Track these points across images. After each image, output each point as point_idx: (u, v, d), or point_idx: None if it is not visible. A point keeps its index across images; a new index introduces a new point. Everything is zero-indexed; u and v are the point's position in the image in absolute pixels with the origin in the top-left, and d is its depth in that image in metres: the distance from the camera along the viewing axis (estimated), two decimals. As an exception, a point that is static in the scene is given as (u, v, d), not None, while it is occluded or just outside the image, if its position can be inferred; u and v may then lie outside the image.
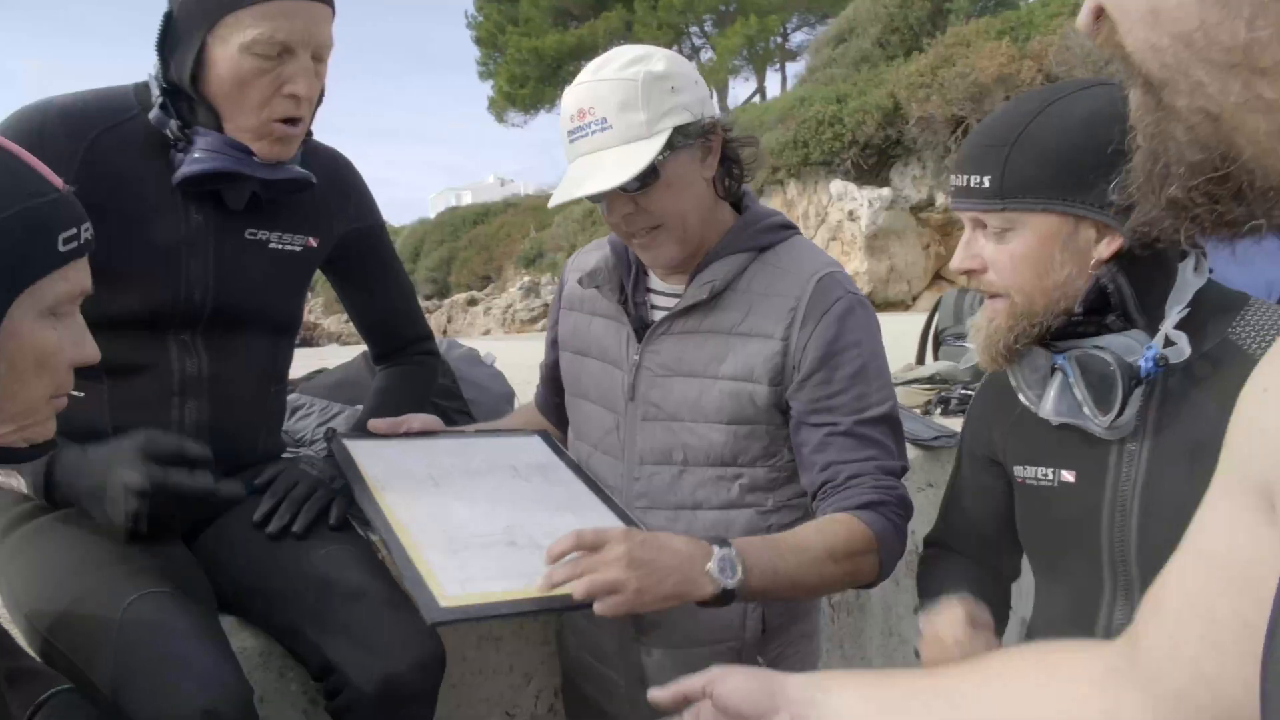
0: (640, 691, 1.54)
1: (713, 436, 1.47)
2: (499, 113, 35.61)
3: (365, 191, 1.71)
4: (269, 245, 1.55)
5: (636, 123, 1.37)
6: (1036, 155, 1.13)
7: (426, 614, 1.15)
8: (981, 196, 1.17)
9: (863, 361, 1.43)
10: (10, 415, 0.93)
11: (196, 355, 1.49)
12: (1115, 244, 1.12)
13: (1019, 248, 1.16)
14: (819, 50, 23.63)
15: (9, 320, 0.89)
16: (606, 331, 1.58)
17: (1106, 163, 1.08)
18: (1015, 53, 15.39)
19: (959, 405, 3.27)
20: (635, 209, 1.42)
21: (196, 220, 1.47)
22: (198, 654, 1.20)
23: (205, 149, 1.42)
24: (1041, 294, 1.16)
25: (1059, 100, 1.15)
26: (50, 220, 0.92)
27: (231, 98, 1.41)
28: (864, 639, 2.60)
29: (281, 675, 1.45)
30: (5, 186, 0.90)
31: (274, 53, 1.38)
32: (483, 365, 2.38)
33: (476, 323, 27.22)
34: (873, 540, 1.36)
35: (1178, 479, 1.12)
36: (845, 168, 18.31)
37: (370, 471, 1.47)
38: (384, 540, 1.32)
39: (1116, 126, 1.07)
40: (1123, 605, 1.22)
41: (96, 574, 1.29)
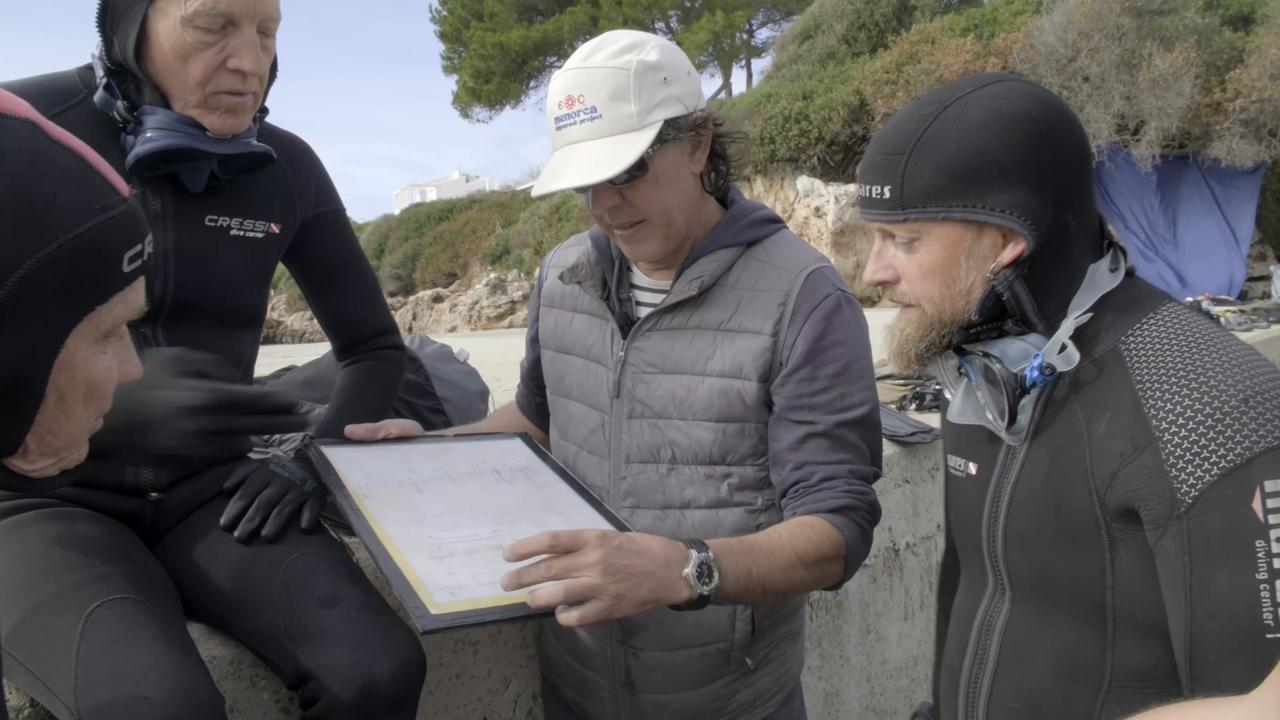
0: (626, 695, 1.52)
1: (701, 434, 1.43)
2: (463, 108, 35.32)
3: (326, 176, 1.66)
4: (230, 232, 1.49)
5: (627, 114, 1.33)
6: (933, 162, 1.10)
7: (419, 622, 1.11)
8: (884, 207, 1.14)
9: (847, 361, 1.41)
10: (53, 450, 0.84)
11: (159, 348, 1.43)
12: (1017, 249, 1.10)
13: (926, 258, 1.14)
14: (785, 47, 23.65)
15: (64, 351, 0.79)
16: (589, 328, 1.54)
17: (1005, 165, 1.07)
18: (980, 49, 15.50)
19: (934, 400, 3.27)
20: (621, 202, 1.39)
21: (153, 206, 1.41)
22: (165, 664, 1.14)
23: (157, 127, 1.36)
24: (950, 303, 1.15)
25: (955, 102, 1.11)
26: (117, 238, 0.80)
27: (175, 73, 1.35)
28: (842, 636, 2.59)
29: (253, 683, 1.40)
30: (74, 200, 0.77)
31: (217, 25, 1.33)
32: (455, 362, 2.33)
33: (442, 319, 27.00)
34: (842, 546, 1.35)
35: (1038, 480, 1.14)
36: (812, 164, 18.36)
37: (351, 479, 1.42)
38: (369, 548, 1.27)
39: (1014, 126, 1.08)
40: (998, 600, 1.22)
41: (57, 580, 1.23)
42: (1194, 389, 0.99)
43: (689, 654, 1.48)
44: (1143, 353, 1.07)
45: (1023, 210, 1.08)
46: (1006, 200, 1.08)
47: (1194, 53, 12.16)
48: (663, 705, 1.51)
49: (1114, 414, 1.05)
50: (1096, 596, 1.09)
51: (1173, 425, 0.99)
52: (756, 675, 1.52)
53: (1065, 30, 12.98)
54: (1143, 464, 1.00)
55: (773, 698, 1.55)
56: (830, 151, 18.21)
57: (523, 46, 30.91)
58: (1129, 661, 1.08)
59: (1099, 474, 1.05)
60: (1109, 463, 1.04)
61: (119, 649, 1.14)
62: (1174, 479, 0.98)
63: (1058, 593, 1.13)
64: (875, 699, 2.74)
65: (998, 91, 1.11)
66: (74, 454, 0.87)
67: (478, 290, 26.47)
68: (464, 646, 1.70)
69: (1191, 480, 0.97)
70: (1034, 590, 1.16)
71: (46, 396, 0.80)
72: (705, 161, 1.45)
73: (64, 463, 0.87)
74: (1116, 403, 1.05)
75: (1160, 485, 0.99)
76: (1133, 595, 1.06)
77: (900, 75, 16.67)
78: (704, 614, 1.45)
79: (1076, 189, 1.11)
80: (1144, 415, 1.01)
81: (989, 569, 1.22)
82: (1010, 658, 1.19)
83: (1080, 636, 1.12)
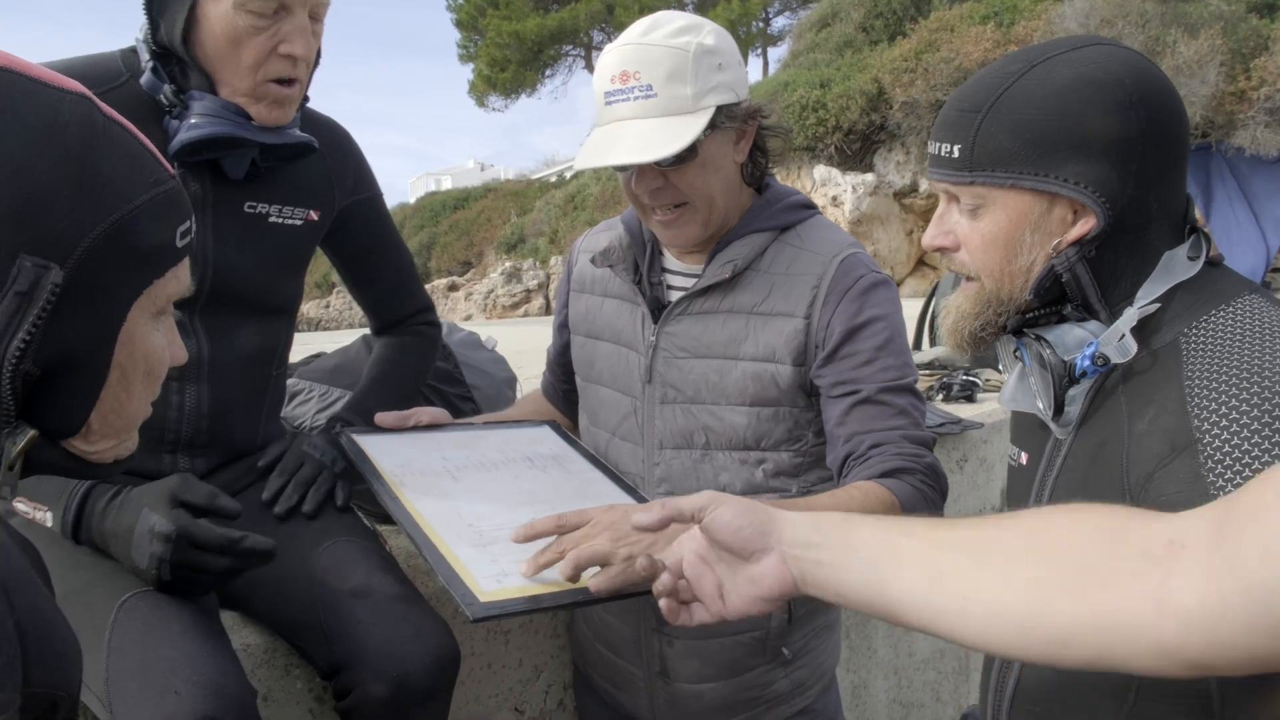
0: (661, 684, 1.50)
1: (734, 419, 1.41)
2: (479, 97, 35.31)
3: (364, 162, 1.64)
4: (269, 219, 1.47)
5: (682, 96, 1.31)
6: (1010, 124, 1.02)
7: (468, 610, 1.10)
8: (950, 167, 1.07)
9: (888, 335, 1.39)
10: (114, 430, 0.83)
11: (195, 337, 1.42)
12: (1087, 225, 1.02)
13: (990, 227, 1.06)
14: (802, 35, 23.54)
15: (125, 325, 0.79)
16: (620, 313, 1.53)
17: (1086, 134, 0.99)
18: (1000, 37, 15.36)
19: (961, 392, 3.23)
20: (665, 184, 1.37)
21: (194, 191, 1.40)
22: (196, 657, 1.12)
23: (202, 113, 1.34)
24: (1009, 279, 1.07)
25: (1044, 62, 1.03)
26: (170, 212, 0.81)
27: (225, 58, 1.33)
28: (869, 629, 2.57)
29: (287, 673, 1.39)
30: (130, 173, 0.78)
31: (270, 10, 1.31)
32: (483, 349, 2.31)
33: (458, 308, 27.04)
34: (896, 507, 1.29)
35: (1077, 475, 1.07)
36: (829, 153, 18.27)
37: (386, 466, 1.41)
38: (411, 537, 1.26)
39: (1104, 94, 0.99)
40: None
41: (91, 569, 1.22)
42: (1245, 387, 0.90)
43: (724, 642, 1.46)
44: (1202, 346, 0.98)
45: (1098, 185, 1.00)
46: (1082, 172, 1.00)
47: (1219, 40, 12.02)
48: (698, 694, 1.49)
49: (1158, 411, 0.97)
50: None
51: (1215, 426, 0.90)
52: (794, 665, 1.50)
53: (1087, 17, 12.86)
54: (1179, 467, 0.92)
55: (811, 688, 1.53)
56: (847, 140, 18.11)
57: (539, 35, 30.87)
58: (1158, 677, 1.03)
59: (1134, 475, 0.97)
60: (1145, 464, 0.96)
61: (150, 641, 1.13)
62: (1210, 484, 0.89)
63: None
64: (902, 692, 2.72)
65: (1092, 55, 1.02)
66: (129, 441, 0.87)
67: (493, 279, 26.48)
68: (495, 636, 1.69)
69: (1229, 488, 0.88)
70: None
71: (111, 372, 0.80)
72: (748, 152, 1.44)
73: (119, 449, 0.86)
74: (1163, 399, 0.97)
75: (1195, 491, 0.90)
76: None
77: (919, 63, 16.55)
78: None
79: (1165, 169, 1.02)
80: (1187, 414, 0.93)
81: None
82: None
83: None
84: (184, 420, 1.42)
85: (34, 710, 0.67)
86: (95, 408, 0.80)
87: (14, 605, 0.63)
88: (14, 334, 0.71)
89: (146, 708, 1.07)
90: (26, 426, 0.78)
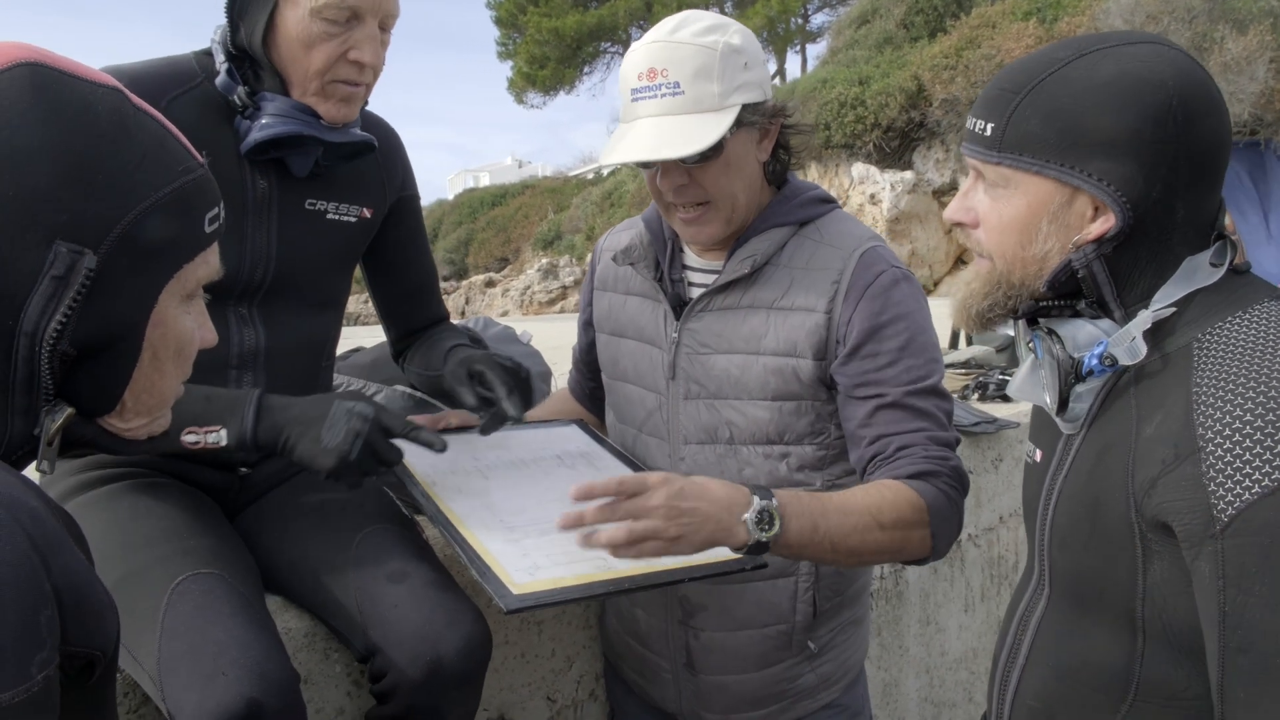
0: (687, 676, 1.52)
1: (758, 413, 1.43)
2: (518, 94, 35.43)
3: (409, 161, 1.69)
4: (327, 216, 1.53)
5: (709, 94, 1.33)
6: (1045, 110, 1.01)
7: (502, 602, 1.13)
8: (982, 144, 1.06)
9: (910, 335, 1.38)
10: (147, 408, 0.88)
11: (253, 328, 1.47)
12: (1106, 224, 1.00)
13: (1008, 209, 1.05)
14: (841, 31, 23.38)
15: (156, 307, 0.84)
16: (642, 310, 1.55)
17: (1118, 132, 0.98)
18: (1043, 34, 15.16)
19: (997, 390, 3.22)
20: (689, 182, 1.39)
21: (261, 188, 1.45)
22: (244, 641, 1.17)
23: (274, 114, 1.40)
24: (1021, 264, 1.06)
25: (1092, 53, 1.01)
26: (198, 199, 0.85)
27: (297, 61, 1.39)
28: (901, 627, 2.56)
29: (326, 656, 1.43)
30: (160, 161, 0.82)
31: (343, 18, 1.37)
32: (518, 344, 2.34)
33: (494, 304, 27.21)
34: (923, 510, 1.29)
35: (1083, 476, 1.07)
36: (867, 150, 18.14)
37: (419, 468, 1.45)
38: (445, 534, 1.29)
39: (1143, 94, 0.98)
40: (1037, 594, 1.16)
41: (145, 552, 1.26)
42: (1250, 397, 0.90)
43: (750, 635, 1.48)
44: (1212, 353, 0.96)
45: (1122, 185, 0.99)
46: (1108, 170, 0.99)
47: (1268, 35, 11.78)
48: (724, 686, 1.51)
49: (1165, 416, 0.97)
50: (1127, 606, 1.02)
51: (1219, 435, 0.90)
52: (820, 660, 1.52)
53: (1133, 13, 12.66)
54: (1182, 474, 0.92)
55: (837, 683, 1.54)
56: (886, 138, 17.97)
57: (578, 32, 30.92)
58: (1158, 677, 1.01)
59: (1139, 479, 0.97)
60: (1149, 469, 0.96)
61: (200, 624, 1.17)
62: (1212, 494, 0.89)
63: (1089, 596, 1.07)
64: (934, 691, 2.71)
65: (1141, 53, 1.00)
66: (162, 418, 0.91)
67: (530, 275, 26.60)
68: (529, 626, 1.71)
69: (1230, 497, 0.88)
70: (1068, 590, 1.11)
71: (143, 353, 0.84)
72: (770, 151, 1.45)
73: (153, 426, 0.90)
74: (1171, 404, 0.97)
75: (1197, 500, 0.90)
76: (1165, 610, 0.98)
77: (960, 60, 16.39)
78: (764, 595, 1.45)
79: (1198, 177, 1.00)
80: (1192, 421, 0.93)
81: (1037, 562, 1.17)
82: (1039, 656, 1.14)
83: (1108, 644, 1.05)
84: None
85: (71, 668, 0.71)
86: (129, 387, 0.84)
87: (50, 568, 0.66)
88: (51, 316, 0.76)
89: (195, 689, 1.12)
90: (64, 404, 0.82)
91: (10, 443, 0.79)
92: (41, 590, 0.65)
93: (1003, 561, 2.93)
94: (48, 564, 0.66)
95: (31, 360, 0.77)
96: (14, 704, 0.61)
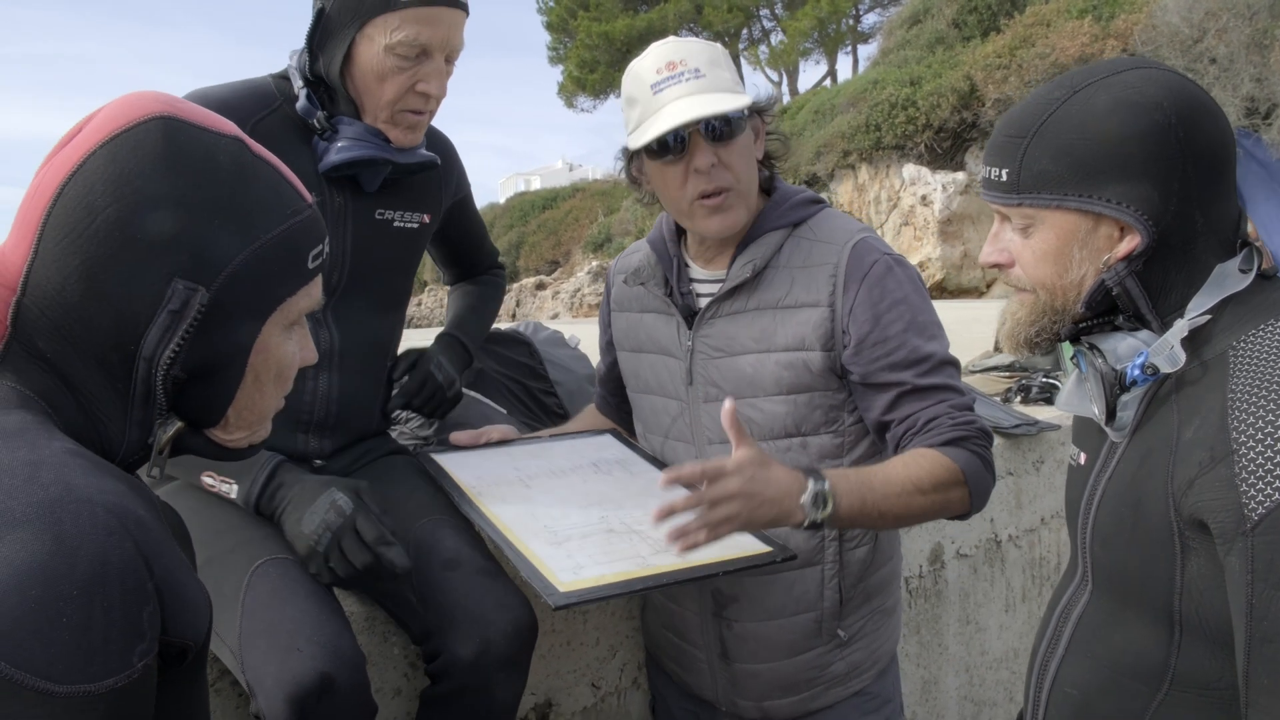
0: (722, 665, 1.59)
1: (774, 409, 1.51)
2: (569, 97, 35.72)
3: (462, 165, 1.82)
4: (394, 224, 1.65)
5: (726, 79, 1.47)
6: (1054, 149, 1.08)
7: (549, 599, 1.23)
8: (1000, 190, 1.14)
9: (910, 316, 1.47)
10: (248, 423, 0.96)
11: (328, 329, 1.58)
12: (1133, 242, 1.07)
13: (1040, 244, 1.12)
14: (892, 32, 23.23)
15: (260, 336, 0.91)
16: (657, 324, 1.64)
17: (1126, 156, 1.04)
18: (1098, 32, 14.95)
19: (1040, 394, 3.24)
20: (717, 162, 1.47)
21: (337, 203, 1.57)
22: (317, 620, 1.27)
23: (350, 137, 1.52)
24: (1061, 292, 1.13)
25: (1085, 88, 1.09)
26: (304, 238, 0.92)
27: (370, 91, 1.51)
28: (941, 625, 2.60)
29: (385, 639, 1.52)
30: (271, 205, 0.90)
31: (413, 54, 1.48)
32: (566, 347, 2.43)
33: (545, 306, 27.43)
34: (959, 473, 1.39)
35: (1126, 478, 1.12)
36: (918, 151, 18.01)
37: (464, 479, 1.57)
38: (492, 540, 1.40)
39: (1141, 116, 1.05)
40: (1080, 588, 1.22)
41: (228, 537, 1.38)
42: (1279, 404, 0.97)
43: (780, 624, 1.55)
44: (1247, 360, 1.02)
45: (1141, 204, 1.05)
46: (1124, 193, 1.06)
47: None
48: (757, 674, 1.59)
49: (1203, 421, 1.03)
50: (1165, 600, 1.08)
51: (1251, 439, 0.96)
52: (850, 648, 1.58)
53: (1191, 9, 12.42)
54: (1217, 476, 0.98)
55: (867, 671, 1.61)
56: (938, 139, 17.83)
57: (627, 36, 31.05)
58: (1193, 668, 1.07)
59: (1178, 480, 1.03)
60: (1188, 470, 1.02)
61: (277, 604, 1.28)
62: (1244, 494, 0.95)
63: (1130, 591, 1.13)
64: (974, 690, 2.75)
65: (1130, 79, 1.07)
66: (262, 430, 1.00)
67: (580, 278, 26.78)
68: (575, 616, 1.80)
69: (1260, 498, 0.94)
70: (1110, 585, 1.17)
71: (245, 376, 0.93)
72: (762, 151, 1.57)
73: (254, 437, 1.00)
74: (1207, 409, 1.03)
75: (1230, 500, 0.97)
76: (1201, 604, 1.04)
77: (1013, 60, 16.21)
78: (792, 584, 1.53)
79: (1208, 185, 1.07)
80: (1227, 426, 0.99)
81: (1080, 558, 1.23)
82: (1079, 646, 1.20)
83: (1146, 636, 1.11)
84: (316, 404, 1.58)
85: (168, 655, 0.81)
86: (232, 404, 0.94)
87: (153, 570, 0.76)
88: (166, 345, 0.85)
89: (273, 663, 1.22)
90: (175, 418, 0.93)
91: (127, 449, 0.89)
92: (145, 590, 0.74)
93: (1044, 562, 2.95)
94: (151, 566, 0.76)
95: (149, 380, 0.87)
96: (117, 688, 0.71)
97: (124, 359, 0.85)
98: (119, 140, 0.84)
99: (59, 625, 0.69)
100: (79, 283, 0.83)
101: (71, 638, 0.69)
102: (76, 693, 0.69)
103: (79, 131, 0.86)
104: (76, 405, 0.85)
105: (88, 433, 0.86)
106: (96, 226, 0.82)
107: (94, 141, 0.84)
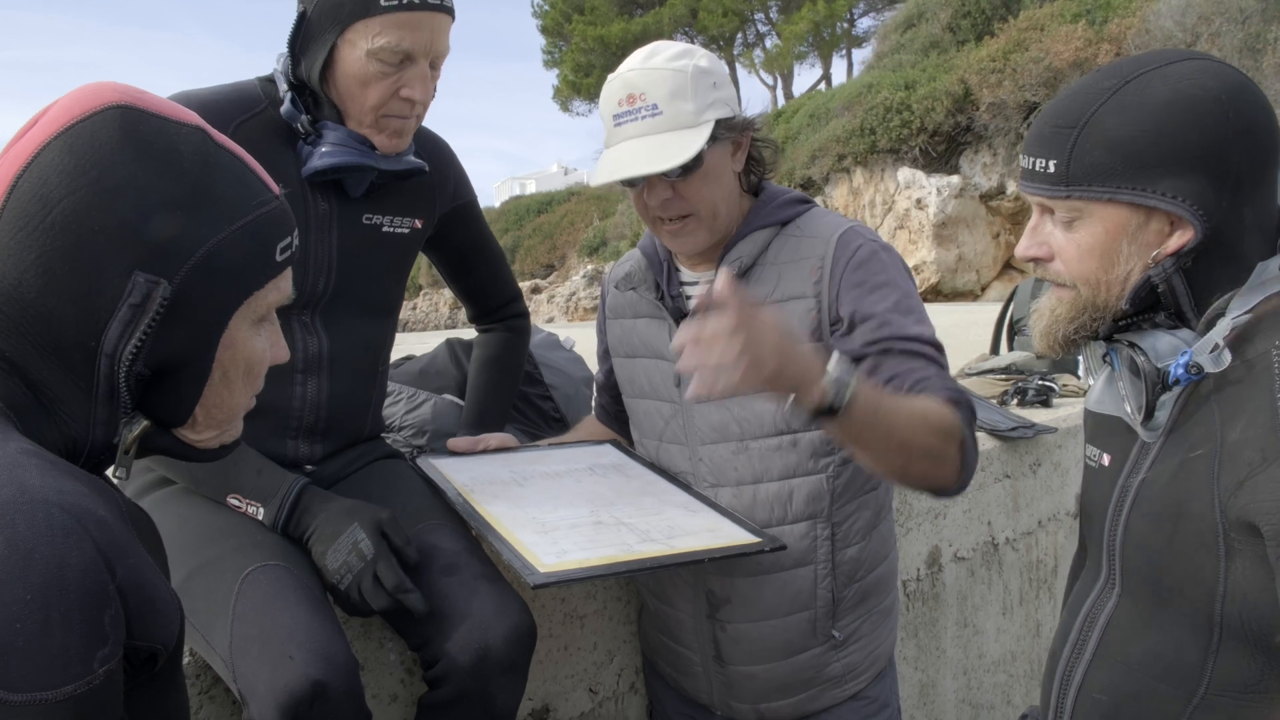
0: (716, 668, 1.59)
1: (764, 406, 1.51)
2: (564, 101, 35.76)
3: (462, 171, 1.79)
4: (382, 229, 1.63)
5: (685, 111, 1.44)
6: (1106, 140, 1.04)
7: (528, 578, 1.23)
8: (1046, 182, 1.10)
9: (896, 297, 1.45)
10: (216, 422, 0.94)
11: (316, 335, 1.57)
12: (1184, 237, 1.04)
13: (1086, 238, 1.09)
14: (887, 36, 23.29)
15: (227, 330, 0.89)
16: (650, 329, 1.65)
17: (1184, 149, 1.02)
18: (1092, 36, 15.00)
19: (1036, 396, 3.23)
20: (673, 195, 1.48)
21: (322, 208, 1.55)
22: (309, 627, 1.26)
23: (334, 143, 1.50)
24: (1105, 287, 1.10)
25: (1137, 78, 1.05)
26: (271, 230, 0.90)
27: (353, 96, 1.49)
28: (938, 628, 2.60)
29: (381, 645, 1.51)
30: (237, 196, 0.87)
31: (396, 60, 1.46)
32: (561, 349, 2.42)
33: (540, 310, 27.44)
34: (958, 430, 1.32)
35: (1165, 479, 1.10)
36: (913, 155, 18.05)
37: (458, 479, 1.56)
38: (476, 528, 1.40)
39: (1201, 110, 1.02)
40: (1106, 592, 1.20)
41: (219, 544, 1.36)
42: None
43: (774, 625, 1.55)
44: None
45: (1196, 198, 1.03)
46: (1180, 186, 1.03)
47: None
48: (752, 676, 1.58)
49: (1249, 421, 1.00)
50: (1206, 604, 1.05)
51: None
52: (846, 649, 1.58)
53: (1184, 14, 12.47)
54: (1269, 477, 0.96)
55: (863, 673, 1.60)
56: (933, 142, 17.87)
57: (623, 40, 31.09)
58: (1231, 672, 1.05)
59: (1225, 481, 1.01)
60: (1236, 471, 1.00)
61: (269, 610, 1.27)
62: None
63: (1167, 594, 1.10)
64: (971, 693, 2.74)
65: (1186, 70, 1.04)
66: (232, 430, 0.97)
67: (575, 282, 26.80)
68: (572, 620, 1.79)
69: None
70: (1144, 588, 1.14)
71: (213, 372, 0.90)
72: (744, 162, 1.55)
73: (224, 437, 0.97)
74: (1254, 410, 1.00)
75: None
76: (1245, 607, 1.02)
77: (1007, 64, 16.26)
78: (785, 584, 1.53)
79: (1259, 182, 1.05)
80: (1277, 426, 0.97)
81: (1104, 561, 1.20)
82: (1108, 651, 1.18)
83: (1182, 640, 1.09)
84: (306, 409, 1.57)
85: (136, 659, 0.78)
86: (199, 402, 0.91)
87: (115, 573, 0.73)
88: (128, 340, 0.83)
89: (265, 670, 1.21)
90: (141, 417, 0.90)
91: (91, 449, 0.86)
92: (106, 592, 0.72)
93: (1042, 565, 2.95)
94: (113, 568, 0.73)
95: (111, 377, 0.84)
96: (77, 695, 0.69)
97: (86, 356, 0.83)
98: (75, 130, 0.81)
99: (13, 631, 0.66)
100: (36, 278, 0.80)
101: (27, 644, 0.67)
102: (33, 701, 0.67)
103: (35, 124, 0.83)
104: (39, 405, 0.82)
105: (51, 434, 0.83)
106: (53, 219, 0.79)
107: (50, 132, 0.81)
